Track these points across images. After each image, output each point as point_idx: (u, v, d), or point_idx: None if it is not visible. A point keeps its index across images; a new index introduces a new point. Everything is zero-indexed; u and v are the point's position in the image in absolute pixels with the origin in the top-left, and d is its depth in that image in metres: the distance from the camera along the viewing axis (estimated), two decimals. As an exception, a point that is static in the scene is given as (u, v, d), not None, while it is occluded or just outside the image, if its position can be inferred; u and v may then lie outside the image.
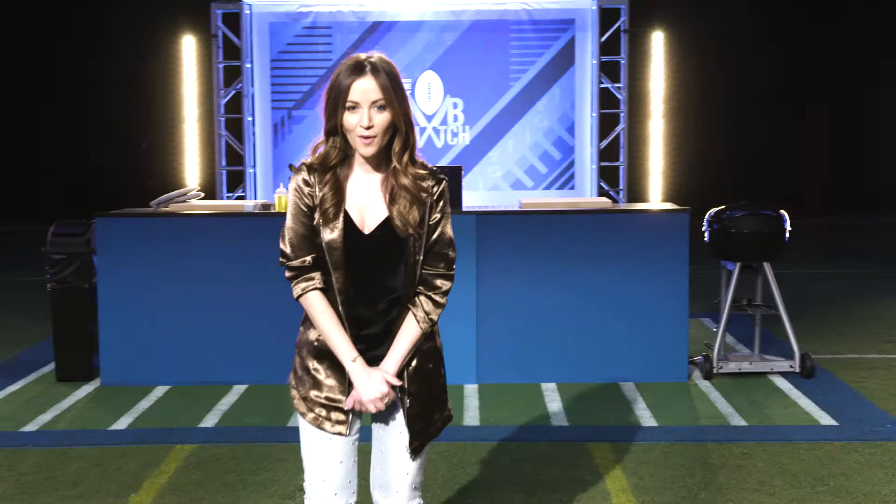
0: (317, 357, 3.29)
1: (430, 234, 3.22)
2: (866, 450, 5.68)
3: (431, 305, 3.24)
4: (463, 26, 11.95)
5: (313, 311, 3.24)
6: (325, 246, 3.19)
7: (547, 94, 11.98)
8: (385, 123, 3.13)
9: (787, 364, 7.29)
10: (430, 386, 3.33)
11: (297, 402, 3.33)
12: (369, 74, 3.12)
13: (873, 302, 10.26)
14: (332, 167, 3.21)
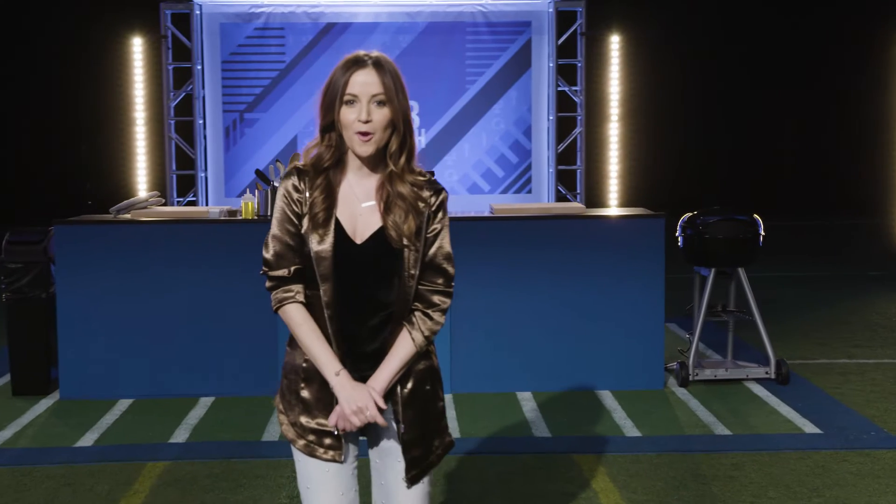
0: (306, 380, 3.06)
1: (427, 248, 3.01)
2: (856, 459, 5.62)
3: (428, 323, 3.02)
4: (418, 28, 11.79)
5: (291, 323, 3.02)
6: (313, 255, 2.97)
7: (503, 97, 11.86)
8: (384, 120, 2.94)
9: (763, 370, 7.23)
10: (427, 410, 3.10)
11: (285, 427, 3.10)
12: (371, 68, 2.96)
13: (834, 305, 10.27)
14: (324, 169, 3.01)
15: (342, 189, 3.02)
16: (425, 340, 3.02)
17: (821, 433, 6.10)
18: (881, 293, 11.08)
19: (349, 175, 3.04)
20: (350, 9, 11.76)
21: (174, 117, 11.80)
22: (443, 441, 3.15)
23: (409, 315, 3.02)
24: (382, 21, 11.76)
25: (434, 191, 3.04)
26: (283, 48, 11.83)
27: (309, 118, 11.83)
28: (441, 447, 3.14)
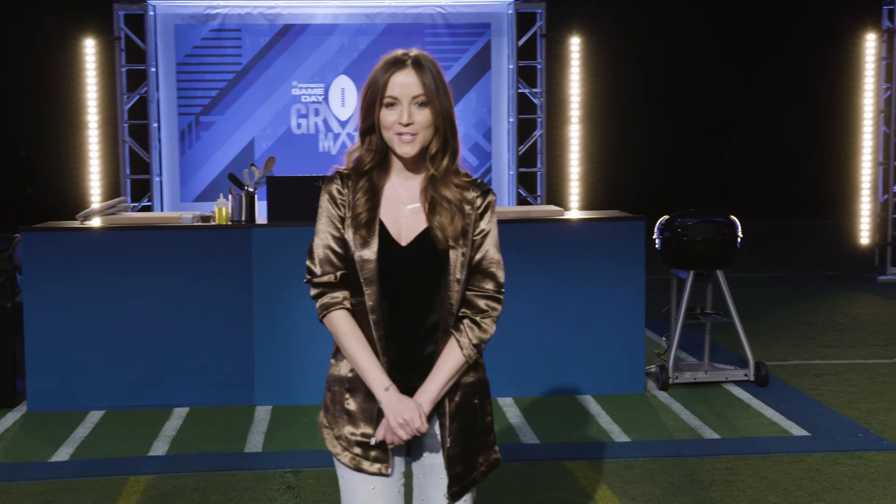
0: (351, 391, 2.95)
1: (474, 251, 2.92)
2: (848, 461, 5.62)
3: (477, 331, 2.92)
4: (377, 30, 11.67)
5: (338, 331, 2.92)
6: (356, 258, 2.88)
7: (463, 100, 11.78)
8: (426, 122, 2.85)
9: (742, 373, 7.23)
10: (475, 424, 3.00)
11: (329, 441, 3.00)
12: (410, 68, 2.85)
13: (797, 306, 10.33)
14: (366, 172, 2.92)
15: (386, 191, 2.94)
16: (474, 350, 2.92)
17: (809, 436, 6.09)
18: (841, 293, 11.17)
19: (393, 177, 2.95)
20: (307, 10, 11.61)
21: (128, 120, 11.57)
22: (488, 458, 3.05)
23: (458, 323, 2.92)
24: (341, 22, 11.63)
25: (481, 192, 2.95)
26: (240, 50, 11.64)
27: (267, 120, 11.68)
28: (486, 464, 3.04)
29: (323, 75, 11.66)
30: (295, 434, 6.23)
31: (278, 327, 6.83)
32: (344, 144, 11.70)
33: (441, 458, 2.96)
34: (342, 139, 11.71)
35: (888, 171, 12.05)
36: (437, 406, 2.92)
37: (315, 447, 5.95)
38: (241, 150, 11.68)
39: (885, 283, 11.78)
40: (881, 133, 12.04)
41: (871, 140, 11.99)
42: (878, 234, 12.11)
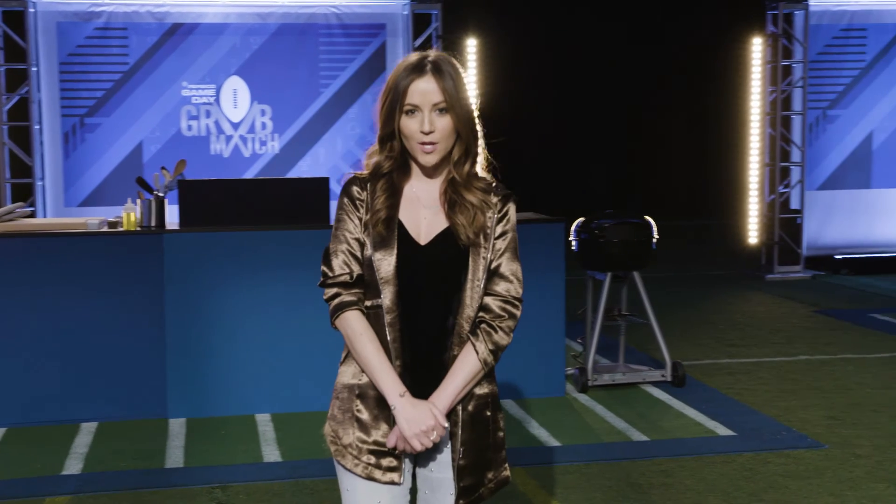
0: (361, 397, 2.83)
1: (493, 254, 2.84)
2: (778, 460, 5.67)
3: (495, 337, 2.82)
4: (269, 30, 11.43)
5: (351, 333, 2.80)
6: (373, 257, 2.78)
7: (359, 101, 11.64)
8: (448, 129, 2.77)
9: (659, 373, 7.26)
10: (487, 437, 2.90)
11: (336, 451, 2.86)
12: (430, 74, 2.76)
13: (695, 306, 10.47)
14: (385, 174, 2.84)
15: (405, 193, 2.86)
16: (491, 356, 2.82)
17: (735, 435, 6.13)
18: (733, 292, 11.37)
19: (412, 180, 2.87)
20: (197, 9, 11.30)
21: (7, 122, 11.08)
22: (498, 474, 2.93)
23: (475, 328, 2.82)
24: (232, 22, 11.36)
25: (502, 195, 2.88)
26: (127, 49, 11.26)
27: (156, 122, 11.33)
28: (494, 480, 2.92)
29: (214, 76, 11.37)
30: (216, 447, 6.00)
31: (192, 337, 6.57)
32: (237, 147, 11.43)
33: (449, 474, 2.85)
34: (235, 141, 11.44)
35: (774, 172, 12.33)
36: (450, 415, 2.82)
37: (240, 460, 5.74)
38: (128, 152, 11.29)
39: (773, 281, 12.05)
40: (767, 135, 12.31)
41: (759, 142, 12.26)
42: (766, 233, 12.38)
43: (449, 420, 2.81)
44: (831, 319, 9.66)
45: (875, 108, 12.64)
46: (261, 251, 6.62)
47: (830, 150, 12.60)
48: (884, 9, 12.56)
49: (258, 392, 6.65)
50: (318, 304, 6.69)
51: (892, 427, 6.24)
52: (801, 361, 7.99)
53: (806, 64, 12.22)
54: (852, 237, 12.65)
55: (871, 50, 12.63)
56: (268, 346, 6.65)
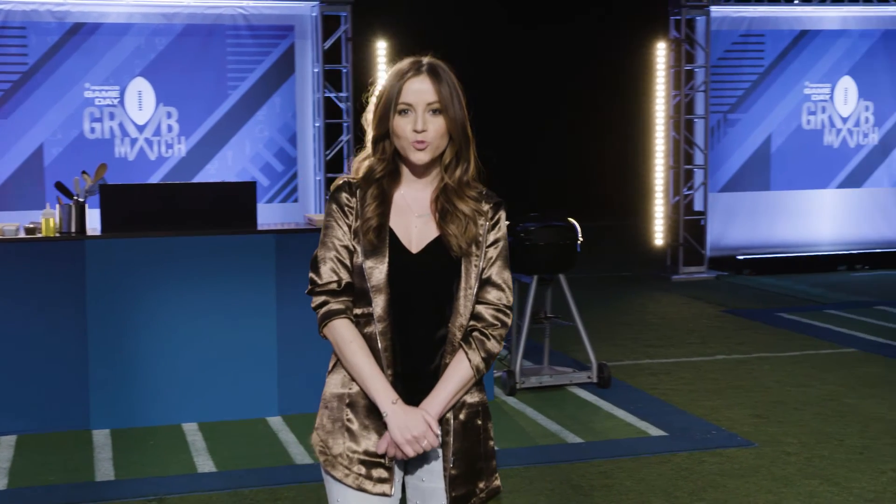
0: (351, 406, 2.78)
1: (485, 262, 2.81)
2: (713, 459, 5.75)
3: (487, 345, 2.79)
4: (175, 30, 11.22)
5: (340, 341, 2.75)
6: (364, 266, 2.73)
7: (267, 103, 11.51)
8: (440, 130, 2.74)
9: (585, 375, 7.31)
10: (478, 446, 2.86)
11: (326, 461, 2.80)
12: (425, 75, 2.74)
13: (605, 307, 10.57)
14: (376, 180, 2.79)
15: (395, 199, 2.81)
16: (483, 363, 2.78)
17: (667, 435, 6.21)
18: (643, 293, 11.54)
19: (402, 187, 2.82)
20: (100, 8, 11.05)
21: None
22: (489, 484, 2.89)
23: (466, 336, 2.79)
24: (136, 22, 11.12)
25: (493, 203, 2.84)
26: (26, 49, 10.94)
27: (57, 124, 11.03)
28: (486, 490, 2.88)
29: (118, 77, 11.12)
30: (146, 458, 5.84)
31: (115, 346, 6.39)
32: (142, 150, 11.18)
33: (440, 483, 2.81)
34: (140, 144, 11.19)
35: (678, 174, 12.55)
36: (441, 424, 2.78)
37: (174, 471, 5.59)
38: (28, 155, 10.97)
39: (679, 282, 12.26)
40: (671, 138, 12.53)
41: (664, 145, 12.47)
42: (671, 235, 12.60)
43: (440, 429, 2.78)
44: (740, 319, 9.87)
45: (773, 112, 12.97)
46: (186, 257, 6.47)
47: (731, 153, 12.89)
48: (780, 16, 12.90)
49: (184, 401, 6.50)
50: (244, 311, 6.59)
51: (815, 424, 6.39)
52: (719, 361, 8.14)
53: (708, 69, 12.48)
54: (753, 238, 12.96)
55: (769, 55, 12.95)
56: (193, 354, 6.50)
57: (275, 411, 6.65)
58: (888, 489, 5.25)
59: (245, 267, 6.55)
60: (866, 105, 13.29)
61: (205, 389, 6.53)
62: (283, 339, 6.62)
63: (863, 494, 5.18)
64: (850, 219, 13.29)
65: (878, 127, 13.33)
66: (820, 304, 10.70)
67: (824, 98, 13.12)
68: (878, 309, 10.23)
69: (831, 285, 11.92)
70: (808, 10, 12.95)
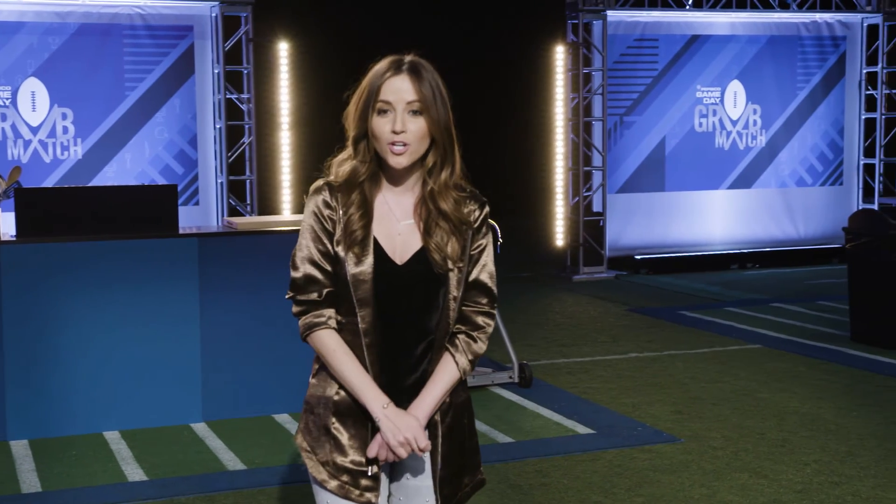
0: (338, 414, 2.75)
1: (471, 266, 2.81)
2: (642, 456, 5.85)
3: (473, 347, 2.80)
4: (70, 30, 10.92)
5: (324, 351, 2.72)
6: (350, 278, 2.69)
7: (167, 105, 11.28)
8: (420, 131, 2.69)
9: (506, 375, 7.36)
10: (464, 445, 2.89)
11: (312, 466, 2.78)
12: (405, 73, 2.70)
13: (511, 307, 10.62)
14: (359, 184, 2.74)
15: (377, 205, 2.75)
16: (469, 365, 2.79)
17: (594, 433, 6.29)
18: (547, 293, 11.67)
19: (384, 191, 2.78)
20: (-11, 6, 10.67)
21: None
22: (473, 478, 2.92)
23: (452, 338, 2.78)
24: (28, 21, 10.80)
25: (478, 204, 2.82)
26: (-89, 48, 10.51)
27: (-53, 126, 10.61)
28: (471, 485, 2.91)
29: (10, 77, 10.77)
30: (72, 469, 5.67)
31: (32, 353, 6.19)
32: (36, 152, 10.86)
33: (427, 481, 2.82)
34: (34, 146, 10.87)
35: (578, 176, 12.73)
36: (430, 427, 2.78)
37: (103, 481, 5.45)
38: (-86, 159, 10.55)
39: (580, 282, 12.43)
40: (570, 140, 12.70)
41: (563, 147, 12.62)
42: (571, 235, 12.76)
43: (429, 432, 2.78)
44: (646, 317, 10.06)
45: (667, 114, 13.25)
46: (106, 262, 6.31)
47: (628, 154, 13.12)
48: (672, 20, 13.19)
49: (105, 409, 6.34)
50: (166, 316, 6.45)
51: (734, 419, 6.55)
52: (633, 359, 8.28)
53: (605, 72, 12.68)
54: (650, 238, 13.22)
55: (663, 59, 13.23)
56: (114, 361, 6.34)
57: (199, 417, 6.53)
58: (814, 480, 5.42)
59: (167, 271, 6.42)
60: (754, 108, 13.68)
61: (126, 397, 6.38)
62: (207, 343, 6.50)
63: (791, 486, 5.33)
64: (740, 219, 13.66)
65: (766, 129, 13.73)
66: (719, 301, 10.97)
67: (715, 101, 13.46)
68: (774, 306, 10.54)
69: (727, 283, 12.24)
70: (698, 15, 13.27)
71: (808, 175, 14.03)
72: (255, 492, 5.30)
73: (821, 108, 13.96)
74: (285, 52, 11.39)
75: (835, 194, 14.17)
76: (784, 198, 13.92)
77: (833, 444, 6.01)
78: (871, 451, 5.86)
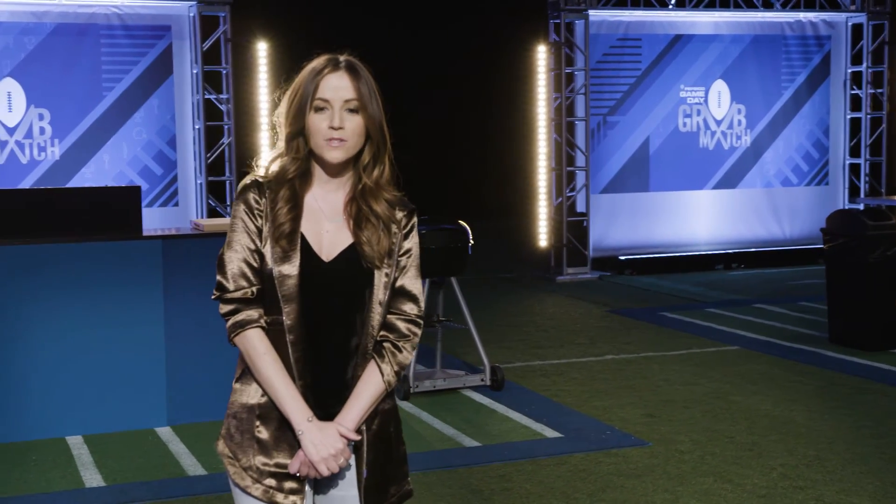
0: (261, 418, 2.70)
1: (397, 272, 2.76)
2: (609, 460, 5.78)
3: (399, 357, 2.75)
4: (46, 29, 10.86)
5: (253, 353, 2.67)
6: (275, 273, 2.65)
7: (145, 105, 11.22)
8: (357, 128, 2.67)
9: (478, 377, 7.30)
10: (391, 453, 2.83)
11: (235, 472, 2.71)
12: (343, 71, 2.68)
13: (489, 308, 10.58)
14: (288, 180, 2.69)
15: (307, 202, 2.72)
16: (395, 376, 2.74)
17: (562, 437, 6.22)
18: (529, 294, 11.61)
19: (314, 188, 2.74)
20: (-34, 6, 10.60)
21: None
22: (400, 488, 2.85)
23: (378, 347, 2.73)
24: (4, 20, 10.75)
25: (407, 210, 2.79)
26: None
27: (-78, 127, 10.54)
28: (397, 495, 2.84)
29: (-15, 78, 10.70)
30: (29, 475, 5.60)
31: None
32: (13, 153, 10.79)
33: (353, 491, 2.76)
34: (10, 147, 10.80)
35: (561, 176, 12.66)
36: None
37: (59, 487, 5.38)
38: None
39: (563, 282, 12.37)
40: (553, 140, 12.63)
41: (546, 147, 12.56)
42: (555, 236, 12.70)
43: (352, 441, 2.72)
44: (625, 319, 10.00)
45: (650, 114, 13.19)
46: (67, 265, 6.24)
47: (611, 154, 13.06)
48: (656, 20, 13.13)
49: (68, 414, 6.27)
50: (130, 319, 6.39)
51: (705, 422, 6.49)
52: (608, 361, 8.22)
53: (587, 72, 12.62)
54: (634, 239, 13.16)
55: (646, 59, 13.17)
56: (77, 365, 6.28)
57: (164, 422, 6.46)
58: (778, 485, 5.36)
59: (131, 274, 6.35)
60: (739, 108, 13.62)
61: (90, 401, 6.31)
62: (172, 347, 6.44)
63: (755, 490, 5.27)
64: (725, 219, 13.60)
65: (751, 129, 13.67)
66: (701, 302, 10.91)
67: (699, 101, 13.40)
68: (756, 307, 10.48)
69: (710, 284, 12.18)
70: (682, 14, 13.21)
71: (794, 175, 13.97)
72: (213, 497, 5.24)
73: (806, 108, 13.91)
74: (264, 52, 11.33)
75: (820, 194, 14.12)
76: (769, 198, 13.86)
77: (801, 447, 5.95)
78: (838, 454, 5.80)
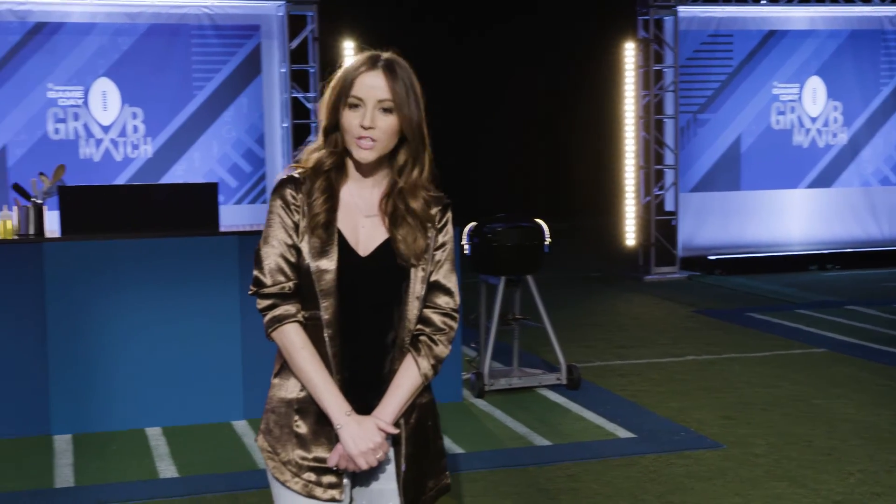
0: (300, 412, 2.71)
1: (433, 267, 2.75)
2: (680, 462, 5.70)
3: (435, 350, 2.74)
4: (139, 30, 11.08)
5: (291, 347, 2.67)
6: (312, 268, 2.65)
7: (234, 104, 11.39)
8: (389, 129, 2.65)
9: (554, 376, 7.25)
10: (429, 447, 2.83)
11: (275, 467, 2.73)
12: (380, 70, 2.65)
13: (575, 307, 10.52)
14: (325, 172, 2.70)
15: (343, 196, 2.72)
16: (432, 370, 2.73)
17: (636, 437, 6.15)
18: (615, 294, 11.51)
19: (350, 183, 2.74)
20: (62, 7, 10.91)
21: None
22: (438, 482, 2.85)
23: (415, 341, 2.73)
24: (100, 21, 10.98)
25: (441, 206, 2.78)
26: (-13, 49, 10.77)
27: (20, 125, 10.90)
28: (435, 489, 2.84)
29: (82, 77, 10.97)
30: (107, 464, 5.73)
31: (76, 349, 6.28)
32: (108, 151, 11.04)
33: (392, 484, 2.76)
34: (105, 145, 11.06)
35: (649, 174, 12.52)
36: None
37: (134, 477, 5.49)
38: (-9, 157, 10.81)
39: (651, 282, 12.24)
40: (641, 138, 12.50)
41: (633, 145, 12.43)
42: (642, 235, 12.56)
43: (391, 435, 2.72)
44: (711, 319, 9.84)
45: (742, 112, 12.96)
46: (147, 259, 6.37)
47: (701, 153, 12.87)
48: (748, 16, 12.90)
49: (148, 405, 6.40)
50: (207, 314, 6.49)
51: (783, 425, 6.35)
52: (689, 362, 8.10)
53: (676, 69, 12.45)
54: (724, 238, 12.95)
55: (738, 55, 12.94)
56: (157, 357, 6.40)
57: (240, 415, 6.55)
58: (855, 490, 5.21)
59: (208, 269, 6.45)
60: (835, 105, 13.30)
61: (168, 394, 6.42)
62: (248, 341, 6.52)
63: (830, 496, 5.14)
64: (820, 219, 13.30)
65: (847, 127, 13.35)
66: (791, 303, 10.68)
67: (793, 98, 13.13)
68: (848, 309, 10.23)
69: (802, 285, 11.92)
70: (775, 10, 12.96)
71: (894, 174, 13.60)
72: (281, 491, 5.29)
73: (905, 105, 13.53)
74: (350, 51, 11.41)
75: (921, 193, 13.72)
76: (867, 197, 13.51)
77: (883, 453, 5.78)
78: (920, 461, 5.63)
